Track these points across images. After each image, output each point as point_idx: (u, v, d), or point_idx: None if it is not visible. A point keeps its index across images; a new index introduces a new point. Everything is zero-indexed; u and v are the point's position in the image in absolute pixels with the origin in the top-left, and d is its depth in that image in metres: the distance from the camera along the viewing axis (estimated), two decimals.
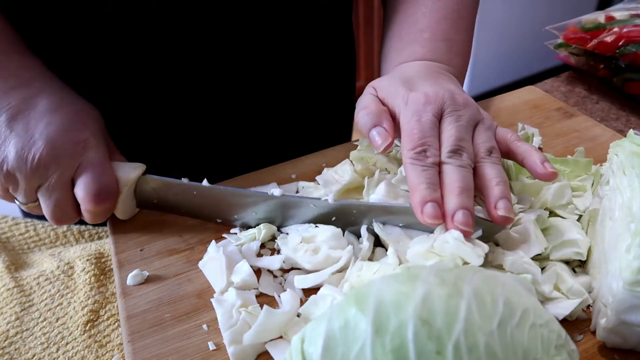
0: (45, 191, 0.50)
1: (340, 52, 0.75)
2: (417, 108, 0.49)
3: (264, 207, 0.51)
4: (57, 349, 0.50)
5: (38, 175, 0.48)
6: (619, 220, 0.42)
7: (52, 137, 0.48)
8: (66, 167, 0.49)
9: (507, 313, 0.31)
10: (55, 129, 0.49)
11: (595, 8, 2.37)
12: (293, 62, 0.67)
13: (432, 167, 0.46)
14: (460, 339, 0.29)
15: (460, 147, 0.47)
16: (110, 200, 0.51)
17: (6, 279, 0.56)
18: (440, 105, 0.49)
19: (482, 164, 0.47)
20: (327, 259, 0.47)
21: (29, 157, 0.48)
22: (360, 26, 2.20)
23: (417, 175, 0.45)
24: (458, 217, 0.43)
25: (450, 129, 0.48)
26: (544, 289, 0.43)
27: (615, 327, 0.40)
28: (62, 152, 0.49)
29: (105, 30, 0.57)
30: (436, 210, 0.43)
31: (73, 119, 0.50)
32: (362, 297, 0.31)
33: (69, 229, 0.64)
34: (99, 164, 0.50)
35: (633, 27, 0.72)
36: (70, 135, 0.49)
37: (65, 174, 0.49)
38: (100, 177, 0.50)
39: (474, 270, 0.34)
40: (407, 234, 0.48)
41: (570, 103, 0.73)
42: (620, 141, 0.47)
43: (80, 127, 0.51)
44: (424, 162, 0.46)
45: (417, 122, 0.48)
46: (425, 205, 0.44)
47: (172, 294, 0.48)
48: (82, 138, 0.50)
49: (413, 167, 0.46)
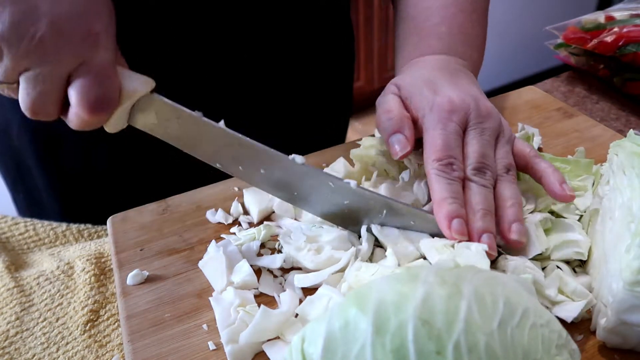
0: (32, 78, 0.41)
1: (340, 52, 0.75)
2: (442, 116, 0.48)
3: (277, 172, 0.48)
4: (57, 349, 0.50)
5: (31, 58, 0.40)
6: (619, 220, 0.42)
7: (59, 20, 0.40)
8: (67, 61, 0.41)
9: (507, 313, 0.31)
10: (64, 10, 0.40)
11: (595, 8, 2.37)
12: (291, 60, 0.67)
13: (458, 181, 0.46)
14: (460, 339, 0.29)
15: (484, 164, 0.47)
16: (107, 112, 0.44)
17: (6, 279, 0.56)
18: (466, 114, 0.49)
19: (500, 182, 0.48)
20: (330, 259, 0.47)
21: (27, 34, 0.39)
22: (360, 26, 2.20)
23: (444, 188, 0.45)
24: (484, 240, 0.44)
25: (474, 144, 0.48)
26: (549, 294, 0.43)
27: (615, 327, 0.40)
28: (67, 41, 0.41)
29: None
30: (463, 227, 0.44)
31: (86, 3, 0.42)
32: (363, 297, 0.31)
33: (69, 228, 0.64)
34: (106, 67, 0.43)
35: (633, 27, 0.72)
36: (81, 23, 0.41)
37: (64, 67, 0.42)
38: (103, 83, 0.43)
39: (474, 271, 0.34)
40: (405, 236, 0.48)
41: (570, 103, 0.73)
42: (620, 141, 0.47)
43: (93, 17, 0.42)
44: (450, 174, 0.46)
45: (442, 132, 0.48)
46: (453, 221, 0.44)
47: (172, 293, 0.48)
48: (94, 31, 0.42)
49: (439, 179, 0.46)
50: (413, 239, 0.47)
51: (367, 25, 2.22)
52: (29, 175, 0.71)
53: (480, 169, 0.47)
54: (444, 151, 0.47)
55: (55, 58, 0.41)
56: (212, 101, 0.65)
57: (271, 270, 0.49)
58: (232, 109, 0.67)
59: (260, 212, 0.54)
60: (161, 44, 0.59)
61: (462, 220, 0.44)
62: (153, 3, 0.56)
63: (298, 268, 0.49)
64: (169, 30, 0.58)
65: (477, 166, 0.47)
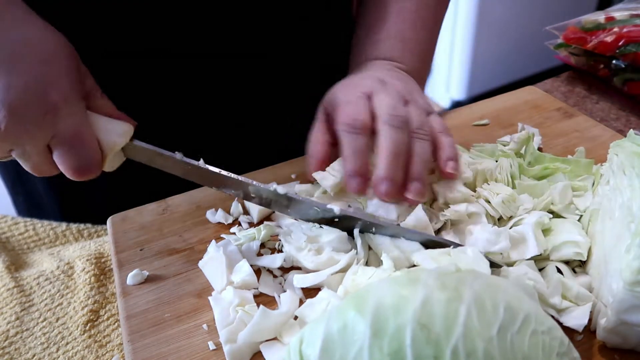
0: (20, 155, 0.44)
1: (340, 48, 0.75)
2: (347, 91, 0.51)
3: (264, 199, 0.51)
4: (57, 349, 0.50)
5: (6, 143, 0.43)
6: (619, 220, 0.42)
7: (15, 106, 0.41)
8: (37, 138, 0.43)
9: (507, 319, 0.31)
10: (18, 94, 0.41)
11: (595, 8, 2.37)
12: (289, 58, 0.67)
13: (364, 134, 0.48)
14: (458, 344, 0.29)
15: (396, 114, 0.48)
16: (94, 171, 0.46)
17: (6, 279, 0.56)
18: (369, 86, 0.51)
19: (412, 139, 0.49)
20: (330, 260, 0.47)
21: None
22: None
23: (349, 144, 0.47)
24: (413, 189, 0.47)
25: (382, 100, 0.49)
26: (554, 302, 0.43)
27: (615, 327, 0.40)
28: (28, 122, 0.42)
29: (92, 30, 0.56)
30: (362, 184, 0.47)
31: (37, 76, 0.42)
32: (361, 300, 0.31)
33: (68, 228, 0.64)
34: (75, 135, 0.43)
35: (633, 27, 0.72)
36: (36, 102, 0.42)
37: (39, 143, 0.43)
38: (78, 151, 0.44)
39: (475, 275, 0.33)
40: (395, 244, 0.48)
41: (570, 103, 0.73)
42: (620, 141, 0.47)
43: (49, 88, 0.42)
44: (355, 130, 0.47)
45: (347, 103, 0.50)
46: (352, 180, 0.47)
47: (172, 293, 0.48)
48: (51, 103, 0.42)
49: (345, 134, 0.48)
50: (404, 249, 0.47)
51: None
52: (29, 177, 0.71)
53: (392, 115, 0.48)
54: (352, 114, 0.48)
55: (26, 137, 0.42)
56: (210, 101, 0.65)
57: (271, 270, 0.49)
58: (228, 109, 0.67)
59: (260, 212, 0.54)
60: (153, 47, 0.59)
61: (362, 178, 0.47)
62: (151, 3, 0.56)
63: (298, 268, 0.50)
64: (161, 33, 0.59)
65: (388, 115, 0.48)
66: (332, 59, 0.73)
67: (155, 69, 0.61)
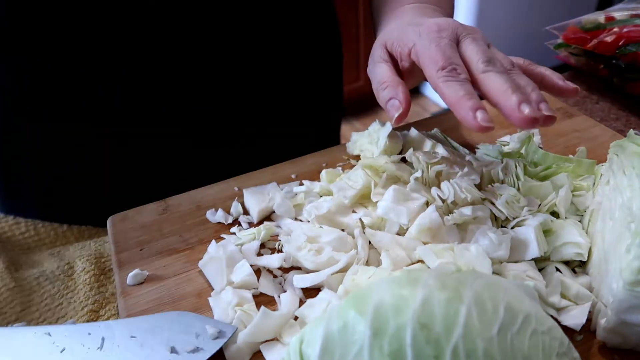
0: None
1: (326, 52, 0.75)
2: (432, 36, 0.49)
3: None
4: None
5: None
6: (619, 220, 0.42)
7: None
8: None
9: (507, 319, 0.31)
10: None
11: (595, 8, 2.37)
12: (276, 60, 0.67)
13: (467, 82, 0.46)
14: (458, 344, 0.29)
15: (492, 57, 0.47)
16: None
17: (6, 278, 0.56)
18: (454, 31, 0.49)
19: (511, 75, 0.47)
20: (330, 260, 0.47)
21: None
22: (360, 26, 2.20)
23: (457, 89, 0.45)
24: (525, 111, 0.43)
25: (472, 48, 0.48)
26: (553, 301, 0.43)
27: (615, 327, 0.40)
28: None
29: (89, 30, 0.57)
30: (487, 115, 0.43)
31: None
32: (362, 300, 0.31)
33: (69, 228, 0.64)
34: None
35: (633, 27, 0.72)
36: None
37: None
38: None
39: (475, 275, 0.33)
40: (397, 241, 0.48)
41: (570, 103, 0.73)
42: (620, 141, 0.47)
43: None
44: (458, 77, 0.45)
45: (436, 47, 0.48)
46: (477, 112, 0.43)
47: (172, 293, 0.48)
48: None
49: (448, 83, 0.45)
50: (405, 246, 0.47)
51: (367, 26, 2.22)
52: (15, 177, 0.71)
53: (490, 60, 0.47)
54: (445, 60, 0.46)
55: None
56: (205, 101, 0.65)
57: (271, 270, 0.49)
58: (223, 109, 0.67)
59: (260, 212, 0.54)
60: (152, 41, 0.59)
61: (485, 110, 0.43)
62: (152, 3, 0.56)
63: (298, 268, 0.50)
64: (160, 28, 0.59)
65: (485, 59, 0.47)
66: (319, 60, 0.74)
67: (151, 72, 0.61)
